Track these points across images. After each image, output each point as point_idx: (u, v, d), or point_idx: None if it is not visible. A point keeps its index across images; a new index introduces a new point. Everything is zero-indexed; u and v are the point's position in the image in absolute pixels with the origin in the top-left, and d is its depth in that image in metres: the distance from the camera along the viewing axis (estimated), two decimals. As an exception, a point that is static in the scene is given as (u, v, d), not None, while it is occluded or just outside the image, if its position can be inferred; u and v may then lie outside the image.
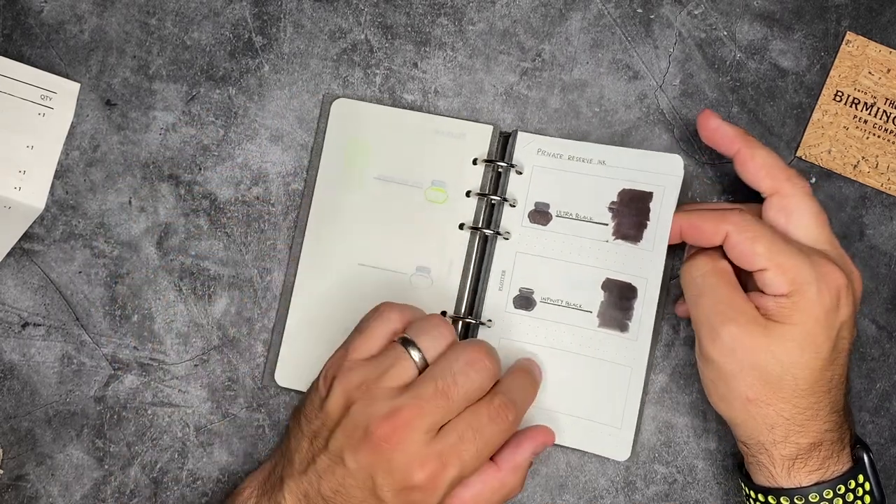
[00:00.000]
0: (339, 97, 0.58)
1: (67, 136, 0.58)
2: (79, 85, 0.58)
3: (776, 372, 0.48)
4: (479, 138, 0.57)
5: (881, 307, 0.57)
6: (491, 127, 0.57)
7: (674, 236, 0.53)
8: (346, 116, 0.57)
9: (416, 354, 0.49)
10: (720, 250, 0.51)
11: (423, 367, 0.49)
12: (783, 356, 0.48)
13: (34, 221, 0.58)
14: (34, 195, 0.58)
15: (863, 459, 0.51)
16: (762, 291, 0.50)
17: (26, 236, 0.58)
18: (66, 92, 0.58)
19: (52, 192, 0.58)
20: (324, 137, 0.57)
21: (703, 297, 0.50)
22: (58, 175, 0.58)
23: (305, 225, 0.57)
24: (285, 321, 0.57)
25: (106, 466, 0.58)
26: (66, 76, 0.58)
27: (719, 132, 0.52)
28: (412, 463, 0.47)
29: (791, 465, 0.49)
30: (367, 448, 0.47)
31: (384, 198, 0.57)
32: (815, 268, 0.48)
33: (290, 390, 0.57)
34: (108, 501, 0.58)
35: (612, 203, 0.55)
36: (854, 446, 0.51)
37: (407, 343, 0.49)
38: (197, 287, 0.58)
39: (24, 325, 0.58)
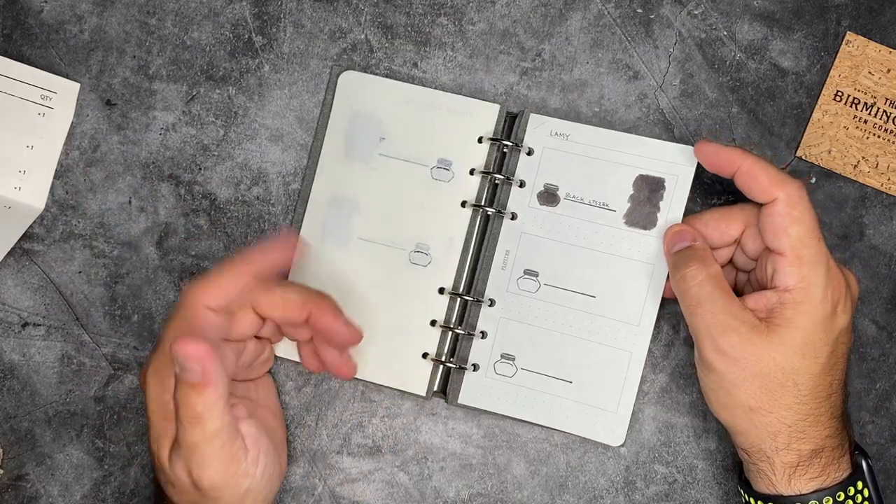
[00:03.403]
0: (346, 69, 0.58)
1: (67, 136, 0.58)
2: (79, 85, 0.58)
3: (778, 379, 0.48)
4: (486, 117, 0.57)
5: (881, 307, 0.57)
6: (497, 106, 0.57)
7: (726, 169, 0.51)
8: (353, 89, 0.57)
9: None
10: (709, 253, 0.51)
11: None
12: (784, 362, 0.48)
13: (34, 221, 0.58)
14: (34, 195, 0.58)
15: (861, 466, 0.50)
16: (761, 286, 0.50)
17: (26, 236, 0.58)
18: (66, 92, 0.58)
19: (52, 192, 0.58)
20: (330, 109, 0.58)
21: (700, 307, 0.49)
22: (58, 175, 0.58)
23: (308, 196, 0.57)
24: None
25: (106, 466, 0.58)
26: (66, 76, 0.58)
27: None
28: None
29: (792, 473, 0.49)
30: None
31: (388, 172, 0.57)
32: (828, 272, 0.48)
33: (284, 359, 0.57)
34: (108, 501, 0.58)
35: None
36: (853, 453, 0.51)
37: None
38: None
39: (24, 325, 0.58)
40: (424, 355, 0.57)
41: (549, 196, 0.56)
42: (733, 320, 0.48)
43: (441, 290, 0.57)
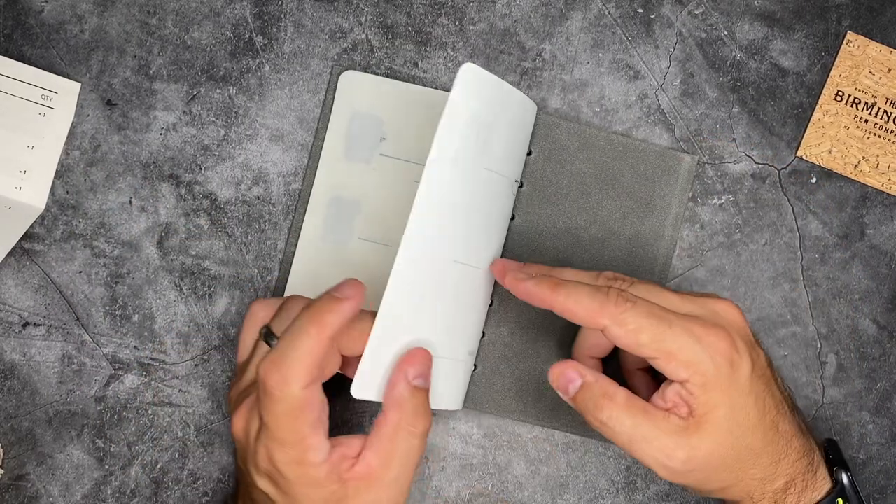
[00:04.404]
0: (347, 69, 0.58)
1: (68, 136, 0.58)
2: (79, 85, 0.58)
3: (734, 455, 0.47)
4: None
5: (881, 307, 0.57)
6: None
7: (539, 305, 0.48)
8: (353, 89, 0.57)
9: (272, 340, 0.49)
10: (604, 382, 0.47)
11: None
12: (730, 441, 0.47)
13: (35, 221, 0.58)
14: (35, 195, 0.58)
15: (842, 481, 0.50)
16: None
17: (27, 236, 0.58)
18: (66, 92, 0.58)
19: (52, 192, 0.58)
20: (330, 109, 0.57)
21: (634, 444, 0.46)
22: (58, 175, 0.58)
23: (308, 196, 0.57)
24: (283, 291, 0.57)
25: (106, 466, 0.58)
26: (67, 76, 0.58)
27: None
28: (250, 452, 0.48)
29: None
30: (236, 443, 0.49)
31: (388, 172, 0.57)
32: (699, 341, 0.46)
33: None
34: (108, 501, 0.58)
35: None
36: (830, 464, 0.50)
37: (266, 334, 0.50)
38: (197, 287, 0.58)
39: (25, 325, 0.58)
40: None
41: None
42: (669, 439, 0.46)
43: None
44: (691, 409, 0.46)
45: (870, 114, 0.57)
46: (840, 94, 0.57)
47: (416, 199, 0.46)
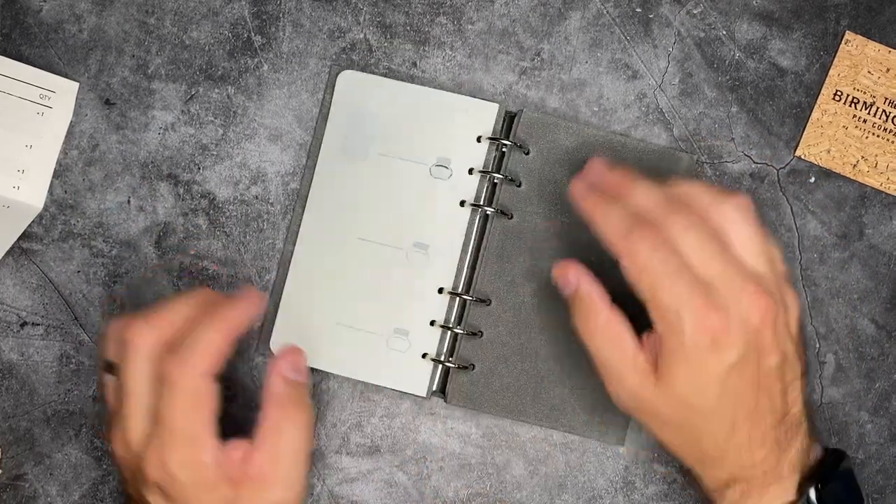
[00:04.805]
0: (345, 68, 0.58)
1: (66, 136, 0.58)
2: (78, 84, 0.58)
3: (677, 420, 0.47)
4: (485, 116, 0.57)
5: (881, 307, 0.57)
6: (497, 105, 0.57)
7: (587, 216, 0.49)
8: (352, 89, 0.57)
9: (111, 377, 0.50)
10: (595, 298, 0.48)
11: None
12: (673, 408, 0.47)
13: (33, 221, 0.58)
14: (33, 194, 0.58)
15: (809, 497, 0.48)
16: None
17: (25, 236, 0.58)
18: (64, 91, 0.58)
19: (50, 192, 0.58)
20: (328, 109, 0.57)
21: (597, 356, 0.48)
22: (56, 174, 0.58)
23: (307, 196, 0.57)
24: (282, 291, 0.57)
25: (104, 466, 0.58)
26: (65, 75, 0.58)
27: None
28: (140, 463, 0.48)
29: (714, 498, 0.49)
30: (120, 466, 0.51)
31: (388, 172, 0.57)
32: (692, 315, 0.44)
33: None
34: (106, 501, 0.58)
35: None
36: (806, 478, 0.48)
37: (106, 366, 0.50)
38: (196, 287, 0.58)
39: (23, 325, 0.58)
40: (424, 355, 0.57)
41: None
42: (625, 369, 0.47)
43: (440, 291, 0.57)
44: (659, 362, 0.46)
45: (868, 113, 0.57)
46: (839, 93, 0.57)
47: (312, 185, 0.57)
